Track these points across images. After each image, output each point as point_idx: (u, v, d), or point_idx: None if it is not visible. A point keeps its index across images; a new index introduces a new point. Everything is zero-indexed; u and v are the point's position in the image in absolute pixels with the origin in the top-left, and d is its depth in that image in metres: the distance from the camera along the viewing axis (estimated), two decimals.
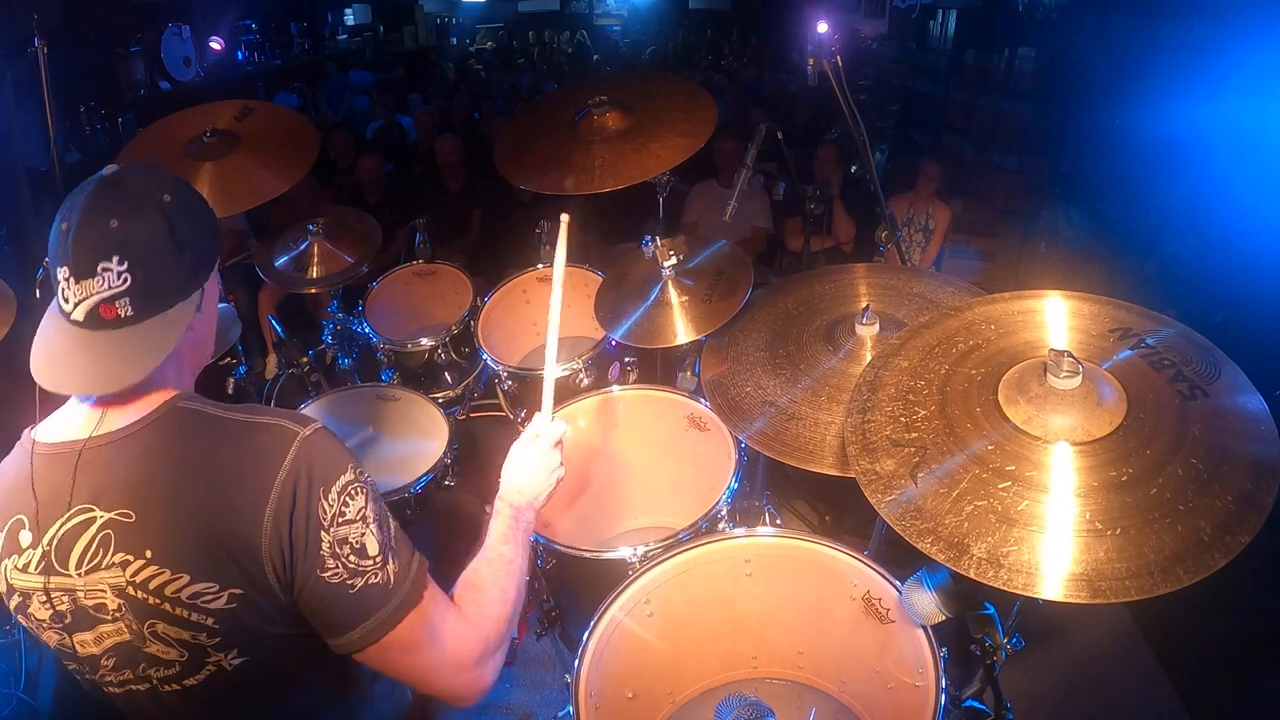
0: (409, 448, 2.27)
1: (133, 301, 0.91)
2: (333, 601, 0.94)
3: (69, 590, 0.94)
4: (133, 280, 0.90)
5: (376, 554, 0.95)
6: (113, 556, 0.91)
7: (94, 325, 0.91)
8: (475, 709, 2.25)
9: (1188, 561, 0.95)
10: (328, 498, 0.93)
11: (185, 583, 0.91)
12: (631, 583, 1.48)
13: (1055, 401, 1.12)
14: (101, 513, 0.91)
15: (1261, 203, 2.67)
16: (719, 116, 2.25)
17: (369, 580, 0.94)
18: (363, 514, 0.96)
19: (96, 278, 0.89)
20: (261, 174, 2.44)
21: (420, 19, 10.86)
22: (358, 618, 0.94)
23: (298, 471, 0.92)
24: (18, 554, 0.95)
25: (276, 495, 0.91)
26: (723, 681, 1.67)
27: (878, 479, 1.16)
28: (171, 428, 0.95)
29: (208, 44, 5.79)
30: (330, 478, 0.94)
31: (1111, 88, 3.88)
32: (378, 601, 0.95)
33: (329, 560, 0.93)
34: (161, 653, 0.95)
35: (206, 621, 0.93)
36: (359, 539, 0.95)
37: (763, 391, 1.71)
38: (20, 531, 0.94)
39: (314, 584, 0.93)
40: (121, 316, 0.91)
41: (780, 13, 8.52)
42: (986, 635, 1.25)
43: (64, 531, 0.92)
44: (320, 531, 0.92)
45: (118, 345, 0.91)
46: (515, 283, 2.83)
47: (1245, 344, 1.28)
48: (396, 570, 0.97)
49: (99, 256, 0.89)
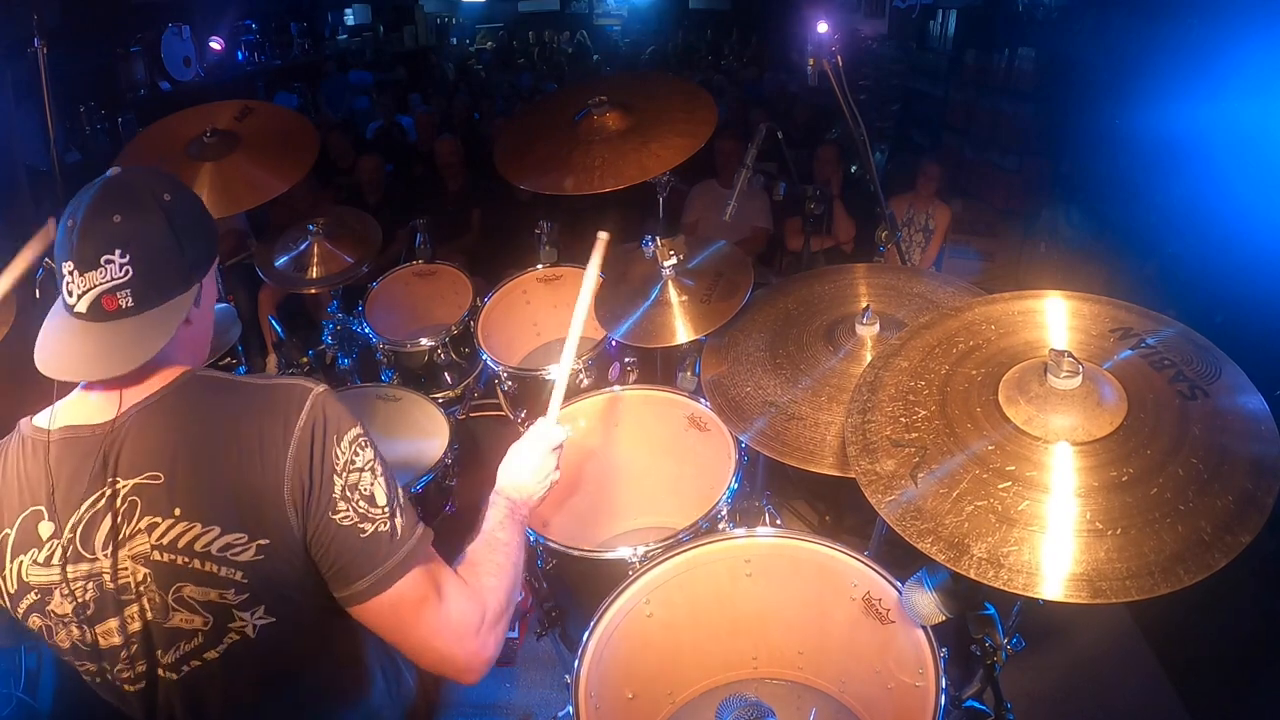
0: (409, 448, 2.27)
1: (134, 292, 0.95)
2: (343, 545, 0.98)
3: (94, 575, 0.96)
4: (134, 272, 0.95)
5: (385, 504, 1.01)
6: (138, 523, 0.94)
7: (96, 317, 0.95)
8: (475, 709, 2.27)
9: (1188, 561, 0.95)
10: (340, 444, 0.99)
11: (216, 534, 0.95)
12: (631, 583, 1.48)
13: (1055, 401, 1.12)
14: (126, 481, 0.95)
15: (1261, 203, 2.66)
16: (719, 116, 2.25)
17: (378, 528, 0.99)
18: (371, 465, 1.02)
19: (99, 269, 0.94)
20: (261, 174, 2.43)
21: (420, 19, 10.86)
22: (367, 564, 0.98)
23: (314, 420, 0.98)
24: (38, 548, 0.96)
25: (296, 441, 0.97)
26: (723, 682, 1.67)
27: (878, 479, 1.16)
28: (191, 393, 1.00)
29: (208, 44, 5.79)
30: (343, 428, 1.01)
31: (1111, 88, 3.88)
32: (386, 550, 0.99)
33: (340, 503, 0.98)
34: (185, 621, 0.97)
35: (235, 576, 0.96)
36: (369, 487, 1.00)
37: (763, 391, 1.71)
38: (39, 523, 0.96)
39: (326, 525, 0.97)
40: (123, 307, 0.95)
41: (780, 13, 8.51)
42: (987, 635, 1.25)
43: (89, 514, 0.95)
44: (333, 475, 0.98)
45: (119, 334, 0.95)
46: (515, 283, 2.83)
47: (1245, 344, 1.28)
48: (404, 524, 1.02)
49: (102, 249, 0.94)
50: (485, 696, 2.27)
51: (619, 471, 2.13)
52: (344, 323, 2.94)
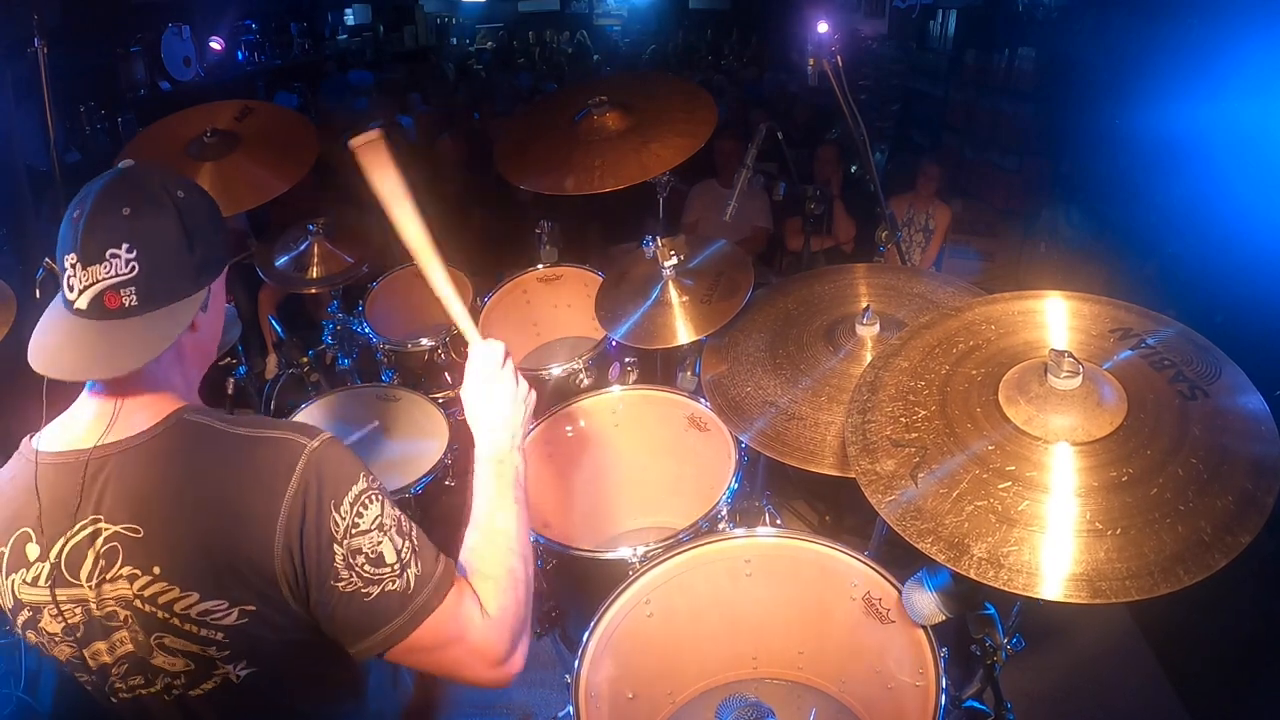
0: (409, 448, 2.27)
1: (138, 291, 0.90)
2: (349, 611, 0.92)
3: (80, 601, 0.93)
4: (140, 269, 0.90)
5: (394, 561, 0.93)
6: (120, 569, 0.90)
7: (97, 314, 0.90)
8: (475, 709, 2.26)
9: (1188, 562, 0.95)
10: (339, 510, 0.92)
11: (194, 600, 0.90)
12: (631, 583, 1.48)
13: (1055, 402, 1.12)
14: (107, 525, 0.90)
15: (1261, 203, 2.66)
16: (719, 116, 2.25)
17: (386, 588, 0.92)
18: (378, 522, 0.94)
19: (104, 264, 0.89)
20: (261, 174, 2.44)
21: (420, 19, 10.85)
22: (376, 624, 0.93)
23: (306, 486, 0.91)
24: (26, 568, 0.93)
25: (286, 512, 0.89)
26: (723, 682, 1.67)
27: (878, 479, 1.16)
28: (178, 441, 0.93)
29: (208, 44, 5.78)
30: (341, 490, 0.93)
31: (1111, 88, 3.88)
32: (396, 608, 0.93)
33: (343, 572, 0.91)
34: (168, 664, 0.95)
35: (216, 636, 0.92)
36: (374, 548, 0.93)
37: (763, 392, 1.71)
38: (27, 544, 0.93)
39: (329, 595, 0.91)
40: (125, 305, 0.90)
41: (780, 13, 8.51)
42: (987, 635, 1.25)
43: (73, 544, 0.91)
44: (333, 545, 0.91)
45: (118, 334, 0.90)
46: (515, 283, 2.83)
47: (1245, 344, 1.28)
48: (418, 574, 0.95)
49: (108, 243, 0.89)
50: (485, 696, 2.27)
51: (619, 471, 2.13)
52: (344, 323, 2.94)
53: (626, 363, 2.46)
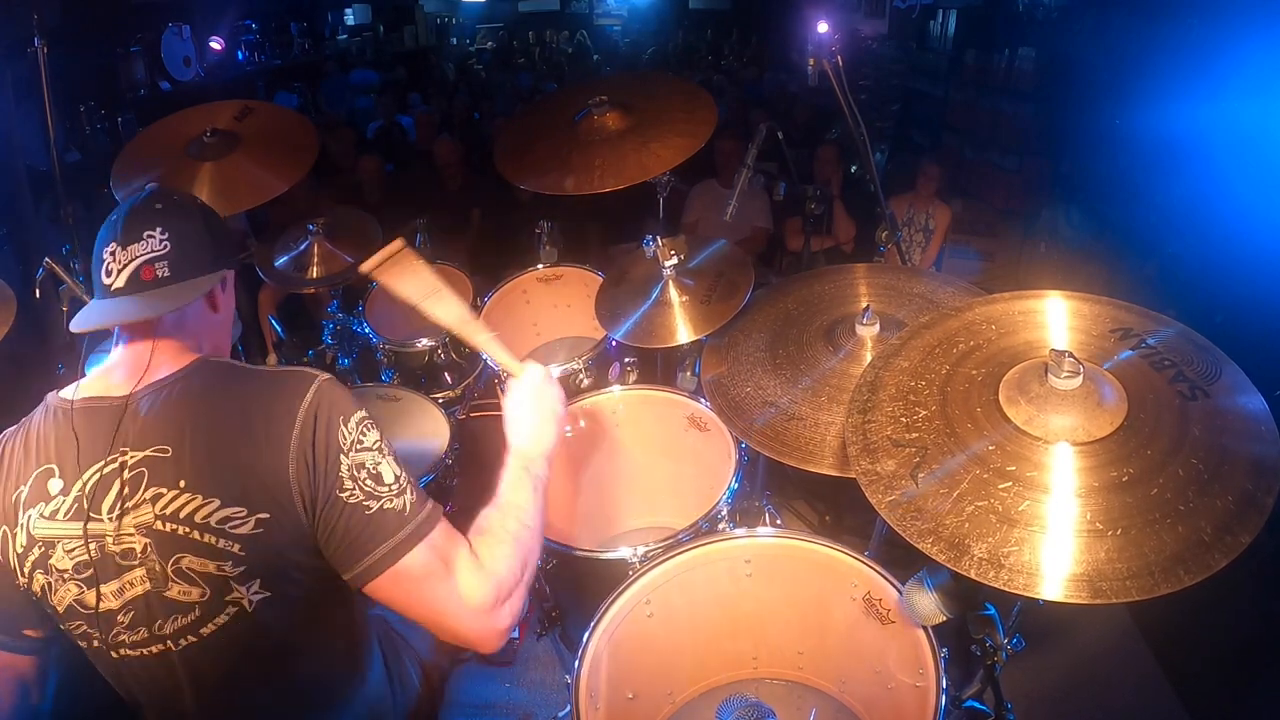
0: (410, 448, 2.27)
1: (170, 264, 1.07)
2: (350, 522, 1.00)
3: (98, 537, 1.00)
4: (171, 246, 1.08)
5: (392, 481, 1.04)
6: (144, 493, 0.99)
7: (134, 288, 1.06)
8: (476, 709, 2.27)
9: (1188, 562, 0.95)
10: (346, 425, 1.04)
11: (215, 507, 0.98)
12: (632, 583, 1.48)
13: (1056, 402, 1.12)
14: (135, 452, 1.00)
15: (1261, 203, 2.66)
16: (719, 116, 2.25)
17: (384, 505, 1.02)
18: (378, 445, 1.06)
19: (141, 242, 1.07)
20: (261, 174, 2.43)
21: (420, 19, 10.86)
22: (373, 541, 1.00)
23: (318, 403, 1.03)
24: (45, 501, 1.01)
25: (301, 422, 1.01)
26: (723, 682, 1.67)
27: (878, 479, 1.16)
28: (204, 376, 1.08)
29: (208, 44, 5.79)
30: (348, 411, 1.05)
31: (1111, 88, 3.88)
32: (393, 526, 1.01)
33: (347, 481, 1.01)
34: (183, 594, 1.00)
35: (233, 548, 0.99)
36: (375, 465, 1.04)
37: (763, 392, 1.70)
38: (50, 480, 1.01)
39: (333, 503, 1.01)
40: (159, 276, 1.07)
41: (780, 13, 8.50)
42: (987, 636, 1.25)
43: (100, 477, 1.00)
44: (340, 455, 1.02)
45: (152, 297, 1.06)
46: (515, 283, 2.83)
47: (1245, 344, 1.28)
48: (413, 500, 1.05)
49: (145, 226, 1.08)
50: (485, 696, 2.27)
51: (619, 471, 2.13)
52: (344, 323, 2.94)
53: (626, 363, 2.46)
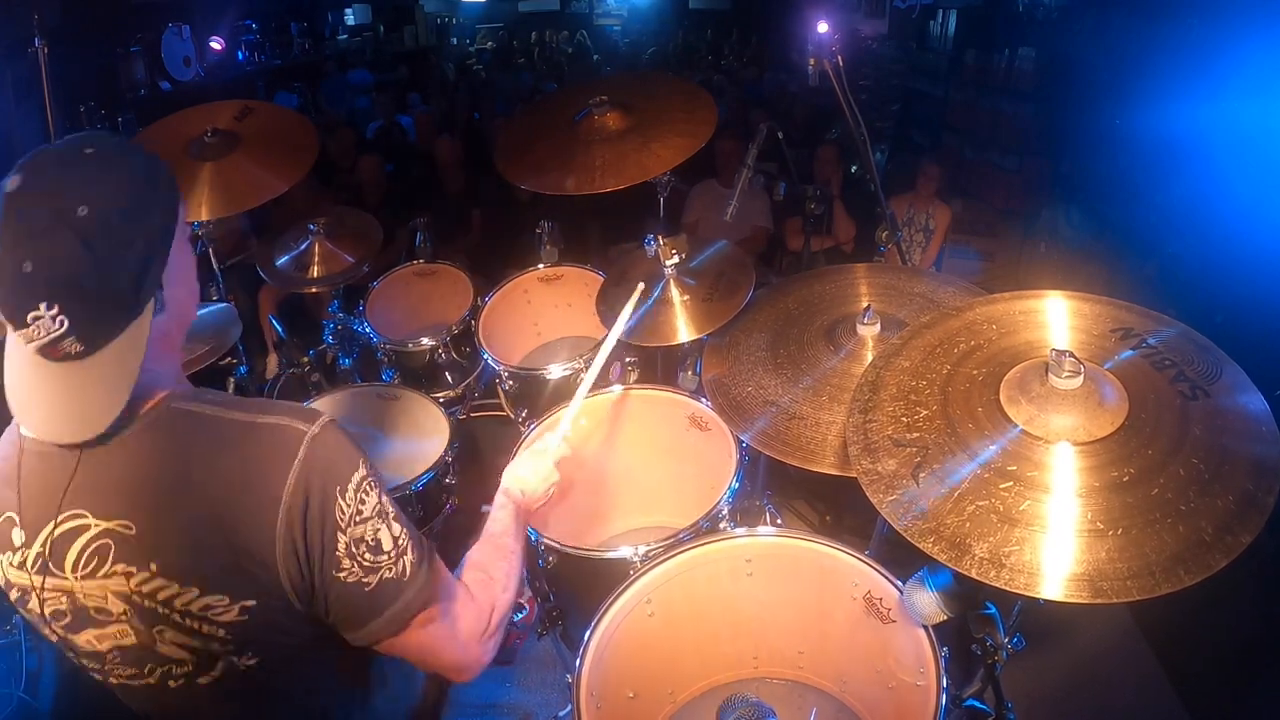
0: (410, 447, 2.27)
1: (79, 337, 0.83)
2: (350, 600, 0.93)
3: (67, 592, 0.91)
4: (70, 320, 0.81)
5: (391, 548, 0.94)
6: (113, 566, 0.88)
7: (50, 357, 0.84)
8: (476, 709, 2.27)
9: (1189, 562, 0.95)
10: (344, 497, 0.90)
11: (195, 596, 0.89)
12: (632, 582, 1.48)
13: (1057, 401, 1.12)
14: (96, 520, 0.87)
15: (1261, 203, 2.67)
16: (719, 116, 2.25)
17: (383, 575, 0.93)
18: (378, 509, 0.94)
19: (31, 327, 0.81)
20: (261, 174, 2.44)
21: (420, 19, 10.87)
22: (375, 612, 0.94)
23: (309, 474, 0.88)
24: (11, 551, 0.92)
25: (288, 501, 0.87)
26: (723, 681, 1.67)
27: (879, 479, 1.16)
28: (167, 431, 0.89)
29: (208, 44, 5.79)
30: (344, 477, 0.91)
31: (1111, 88, 3.88)
32: (394, 595, 0.94)
33: (345, 560, 0.91)
34: (172, 653, 0.94)
35: (218, 633, 0.91)
36: (374, 536, 0.93)
37: (764, 391, 1.70)
38: (12, 529, 0.91)
39: (329, 583, 0.91)
40: (71, 354, 0.83)
41: (780, 13, 8.51)
42: (988, 635, 1.25)
43: (57, 534, 0.88)
44: (337, 533, 0.90)
45: (82, 380, 0.84)
46: (516, 283, 2.83)
47: (1245, 344, 1.28)
48: (412, 562, 0.96)
49: (25, 306, 0.80)
50: (485, 696, 2.27)
51: (620, 471, 2.13)
52: (345, 322, 2.94)
53: (627, 362, 2.46)
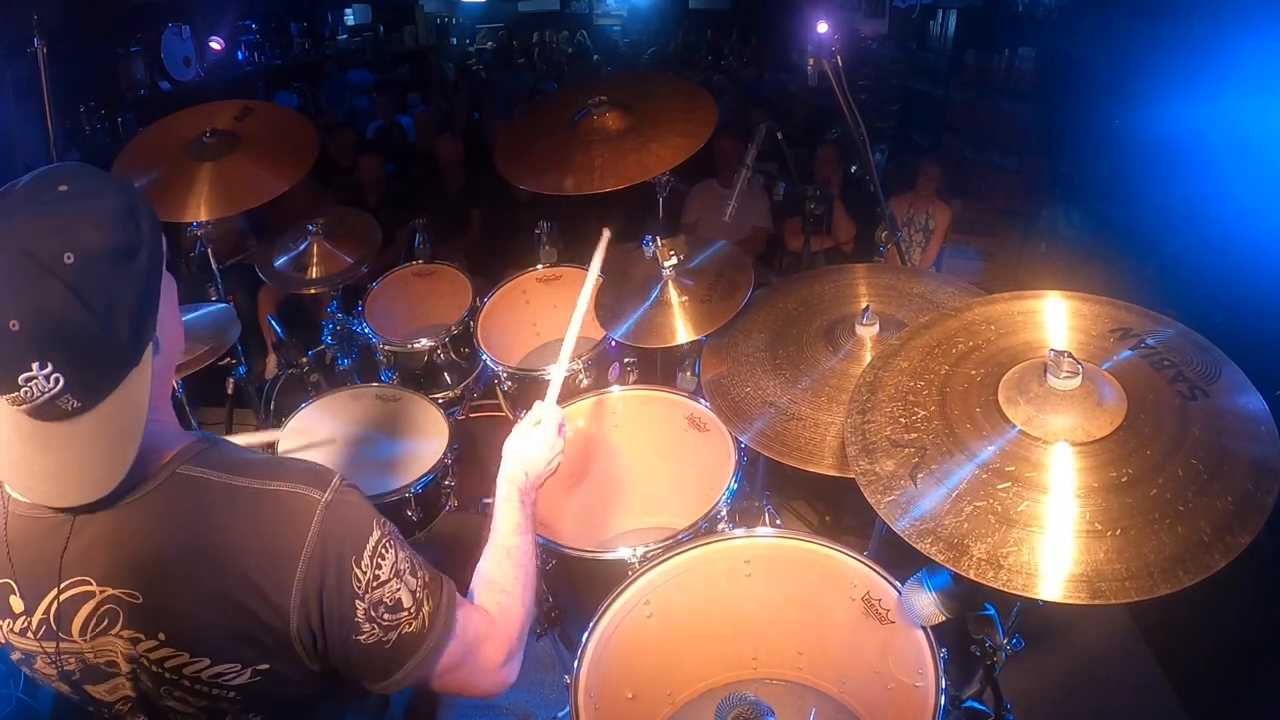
0: (409, 448, 2.27)
1: (75, 395, 0.78)
2: (371, 659, 0.92)
3: (75, 653, 0.89)
4: (65, 378, 0.76)
5: (410, 604, 0.93)
6: (120, 631, 0.87)
7: (45, 418, 0.79)
8: (475, 709, 2.26)
9: (1188, 562, 0.95)
10: (360, 565, 0.89)
11: (205, 665, 0.88)
12: (631, 583, 1.48)
13: (1055, 402, 1.12)
14: (100, 588, 0.85)
15: (1261, 203, 2.67)
16: (719, 116, 2.25)
17: (403, 631, 0.92)
18: (395, 569, 0.92)
19: (23, 389, 0.75)
20: (261, 174, 2.44)
21: (420, 19, 10.86)
22: (398, 665, 0.93)
23: (324, 544, 0.87)
24: (11, 619, 0.88)
25: (303, 573, 0.86)
26: (722, 682, 1.67)
27: (877, 479, 1.16)
28: (175, 499, 0.86)
29: (208, 44, 5.79)
30: (361, 545, 0.90)
31: (1111, 88, 3.88)
32: (414, 647, 0.93)
33: (364, 625, 0.90)
34: (180, 707, 0.93)
35: (228, 695, 0.91)
36: (393, 596, 0.92)
37: (762, 392, 1.70)
38: (10, 596, 0.87)
39: (348, 647, 0.90)
40: (68, 410, 0.79)
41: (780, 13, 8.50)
42: (986, 636, 1.25)
43: (62, 600, 0.85)
44: (355, 601, 0.89)
45: (82, 438, 0.80)
46: (515, 283, 2.83)
47: (1245, 344, 1.28)
48: (430, 611, 0.95)
49: (15, 368, 0.75)
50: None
51: (619, 472, 2.13)
52: (344, 323, 2.94)
53: (626, 363, 2.46)
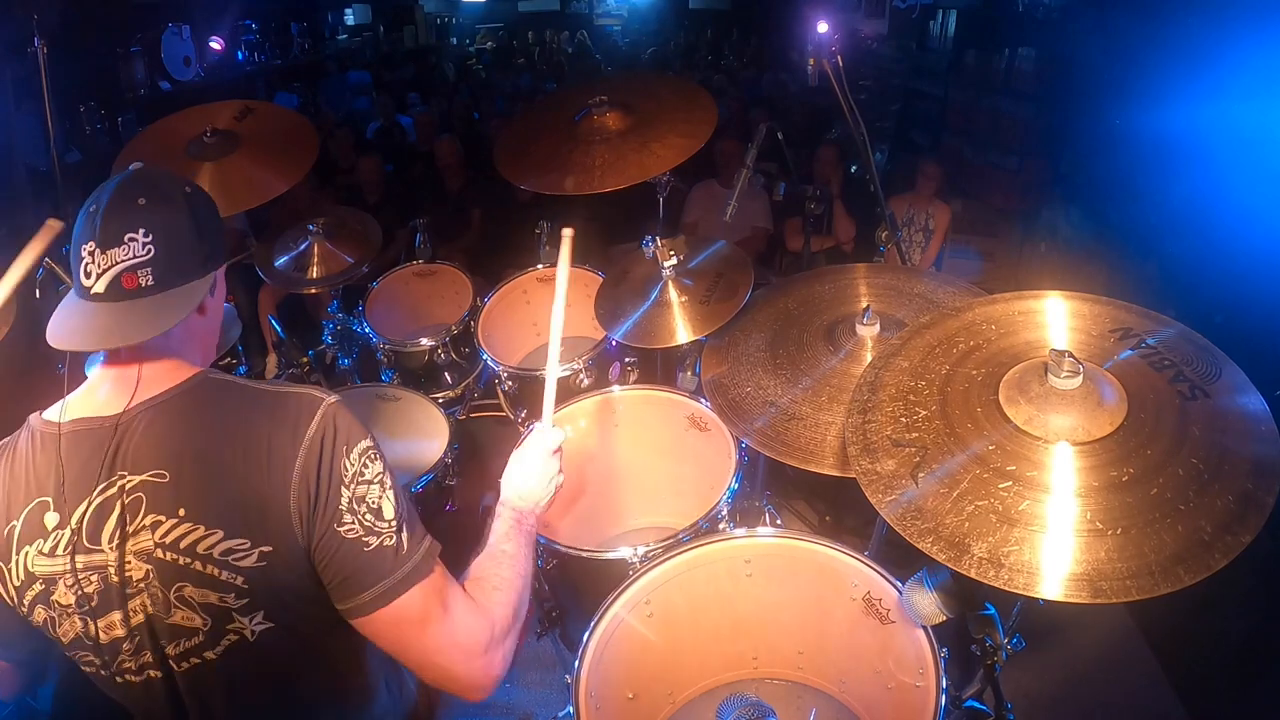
0: (409, 448, 2.27)
1: (154, 272, 0.97)
2: (347, 557, 0.98)
3: (99, 568, 0.96)
4: (156, 252, 0.97)
5: (392, 518, 1.00)
6: (143, 519, 0.95)
7: (115, 296, 0.96)
8: (475, 709, 2.26)
9: (1188, 561, 0.95)
10: (349, 456, 1.00)
11: (219, 539, 0.95)
12: (632, 583, 1.48)
13: (1056, 401, 1.12)
14: (133, 476, 0.95)
15: (1261, 203, 2.66)
16: (719, 116, 2.25)
17: (383, 541, 0.99)
18: (380, 478, 1.01)
19: (122, 246, 0.95)
20: (261, 174, 2.44)
21: (420, 19, 10.88)
22: (371, 578, 0.98)
23: (324, 430, 0.99)
24: (43, 538, 0.97)
25: (304, 451, 0.97)
26: (723, 682, 1.67)
27: (878, 479, 1.16)
28: (204, 395, 1.01)
29: (208, 44, 5.78)
30: (353, 440, 1.01)
31: (1111, 88, 3.88)
32: (390, 565, 0.99)
33: (346, 515, 0.98)
34: (186, 620, 0.98)
35: (236, 580, 0.96)
36: (376, 500, 1.00)
37: (763, 392, 1.71)
38: (45, 514, 0.96)
39: (330, 537, 0.97)
40: (142, 285, 0.96)
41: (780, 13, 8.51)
42: (987, 635, 1.25)
43: (95, 505, 0.95)
44: (340, 486, 0.98)
45: (136, 310, 0.96)
46: (515, 283, 2.83)
47: (1245, 344, 1.28)
48: (410, 539, 1.01)
49: (126, 228, 0.96)
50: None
51: (619, 472, 2.13)
52: (344, 323, 2.94)
53: (626, 363, 2.46)
